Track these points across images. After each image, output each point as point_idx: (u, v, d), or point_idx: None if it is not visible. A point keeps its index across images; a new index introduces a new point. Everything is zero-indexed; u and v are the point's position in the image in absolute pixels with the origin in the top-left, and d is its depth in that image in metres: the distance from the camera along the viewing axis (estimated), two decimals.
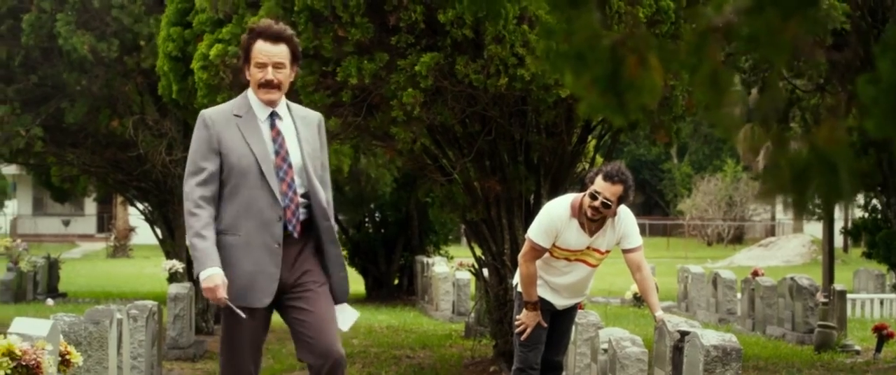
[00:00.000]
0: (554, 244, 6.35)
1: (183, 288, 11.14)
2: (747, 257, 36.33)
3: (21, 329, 5.44)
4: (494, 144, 9.41)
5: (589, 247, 6.41)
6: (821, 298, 13.28)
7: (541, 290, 6.51)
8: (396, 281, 21.18)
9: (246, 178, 4.94)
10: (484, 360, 10.42)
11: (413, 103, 8.32)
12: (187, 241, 5.05)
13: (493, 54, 8.23)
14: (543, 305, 6.53)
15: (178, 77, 10.12)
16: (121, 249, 38.22)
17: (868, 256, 18.00)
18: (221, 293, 4.83)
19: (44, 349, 5.28)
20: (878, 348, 11.76)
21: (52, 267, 20.83)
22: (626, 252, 6.49)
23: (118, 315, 7.47)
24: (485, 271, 10.27)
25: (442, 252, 21.26)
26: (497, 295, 9.87)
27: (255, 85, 5.05)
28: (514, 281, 6.78)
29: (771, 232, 46.81)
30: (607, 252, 6.51)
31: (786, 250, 37.23)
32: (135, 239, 38.06)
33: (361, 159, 18.02)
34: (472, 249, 10.62)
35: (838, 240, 32.62)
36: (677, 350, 6.65)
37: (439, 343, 12.40)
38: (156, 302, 9.12)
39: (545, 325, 6.55)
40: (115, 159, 16.22)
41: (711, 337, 6.39)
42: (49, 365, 5.32)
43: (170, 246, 15.88)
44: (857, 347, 12.19)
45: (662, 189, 53.58)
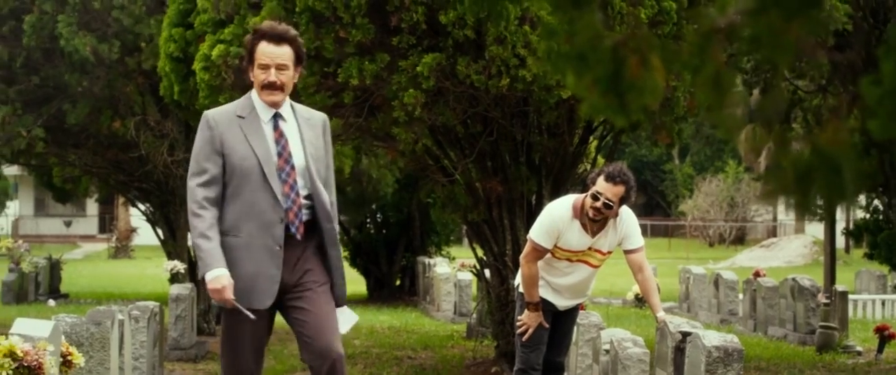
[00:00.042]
0: (556, 245, 6.35)
1: (184, 288, 11.13)
2: (749, 258, 36.32)
3: (23, 330, 5.44)
4: (496, 145, 9.41)
5: (591, 248, 6.40)
6: (822, 299, 13.27)
7: (542, 291, 6.51)
8: (398, 282, 21.17)
9: (248, 180, 4.93)
10: (485, 361, 10.41)
11: (414, 104, 8.31)
12: (192, 242, 5.04)
13: (495, 55, 8.22)
14: (545, 306, 6.53)
15: (180, 78, 10.11)
16: (122, 250, 38.23)
17: (870, 257, 18.00)
18: (228, 294, 4.82)
19: (45, 350, 5.28)
20: (880, 349, 11.76)
21: (54, 267, 20.82)
22: (627, 253, 6.49)
23: (120, 316, 7.46)
24: (486, 272, 10.27)
25: (444, 252, 21.26)
26: (499, 295, 9.86)
27: (258, 86, 5.04)
28: (516, 281, 6.78)
29: (772, 233, 46.77)
30: (609, 253, 6.51)
31: (787, 251, 37.21)
32: (136, 240, 38.07)
33: (363, 160, 18.03)
34: (473, 250, 10.61)
35: (840, 241, 32.59)
36: (679, 350, 6.64)
37: (441, 343, 12.39)
38: (157, 303, 9.11)
39: (547, 326, 6.55)
40: (116, 160, 16.22)
41: (713, 338, 6.38)
42: (51, 366, 5.32)
43: (171, 247, 15.87)
44: (858, 348, 12.18)
45: (664, 190, 53.57)
